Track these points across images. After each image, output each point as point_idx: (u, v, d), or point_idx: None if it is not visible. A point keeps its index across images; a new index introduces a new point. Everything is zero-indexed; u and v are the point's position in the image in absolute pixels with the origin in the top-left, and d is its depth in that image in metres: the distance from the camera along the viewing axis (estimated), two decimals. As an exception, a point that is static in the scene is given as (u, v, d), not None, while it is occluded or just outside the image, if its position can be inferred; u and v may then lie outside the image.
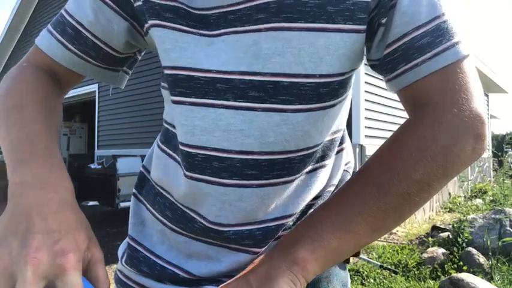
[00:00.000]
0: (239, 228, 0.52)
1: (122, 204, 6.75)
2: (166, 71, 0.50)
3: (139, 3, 0.51)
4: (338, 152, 0.61)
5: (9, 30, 11.77)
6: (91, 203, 7.20)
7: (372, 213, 0.44)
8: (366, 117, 4.66)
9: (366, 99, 4.68)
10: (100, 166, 8.14)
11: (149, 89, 7.66)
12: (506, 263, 3.37)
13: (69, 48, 0.56)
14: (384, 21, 0.47)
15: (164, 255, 0.57)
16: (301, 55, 0.46)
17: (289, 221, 0.55)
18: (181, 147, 0.51)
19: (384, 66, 0.50)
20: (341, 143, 0.62)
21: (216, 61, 0.48)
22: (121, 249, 0.63)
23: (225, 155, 0.49)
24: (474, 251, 3.50)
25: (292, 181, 0.53)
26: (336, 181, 0.62)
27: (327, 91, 0.49)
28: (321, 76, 0.47)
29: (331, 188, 0.61)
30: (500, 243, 3.53)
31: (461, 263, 3.37)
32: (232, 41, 0.48)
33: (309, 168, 0.55)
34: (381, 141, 0.83)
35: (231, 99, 0.47)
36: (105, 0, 0.54)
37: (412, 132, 0.46)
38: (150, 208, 0.60)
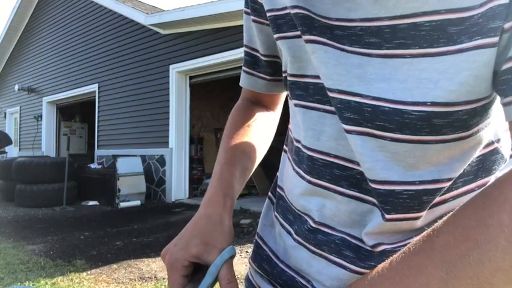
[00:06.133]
0: (346, 237, 0.49)
1: (122, 204, 6.75)
2: (303, 79, 0.52)
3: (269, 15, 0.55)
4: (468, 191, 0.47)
5: (9, 30, 11.79)
6: (91, 203, 7.20)
7: None
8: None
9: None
10: (100, 166, 8.15)
11: (149, 89, 7.67)
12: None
13: (250, 73, 0.66)
14: (507, 26, 0.36)
15: (283, 258, 0.58)
16: (410, 81, 0.41)
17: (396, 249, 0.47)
18: (304, 150, 0.53)
19: (498, 86, 0.39)
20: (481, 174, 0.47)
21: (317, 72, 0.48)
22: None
23: (347, 164, 0.48)
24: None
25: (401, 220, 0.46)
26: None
27: (447, 122, 0.41)
28: (434, 104, 0.40)
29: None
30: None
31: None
32: (336, 56, 0.45)
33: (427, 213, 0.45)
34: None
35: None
36: (257, 20, 0.59)
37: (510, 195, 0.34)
38: (275, 212, 0.63)
